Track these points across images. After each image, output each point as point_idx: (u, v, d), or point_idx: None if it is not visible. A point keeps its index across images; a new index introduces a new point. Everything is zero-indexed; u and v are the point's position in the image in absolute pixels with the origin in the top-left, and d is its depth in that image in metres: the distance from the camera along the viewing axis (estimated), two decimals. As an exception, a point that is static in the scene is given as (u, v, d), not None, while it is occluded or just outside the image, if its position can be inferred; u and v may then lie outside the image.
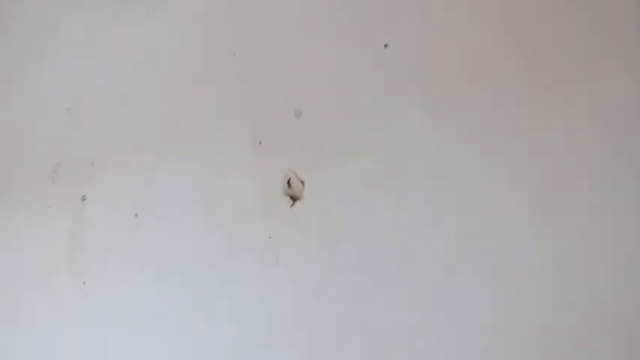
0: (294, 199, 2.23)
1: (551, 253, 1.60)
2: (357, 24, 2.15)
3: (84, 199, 2.48)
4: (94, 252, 2.39)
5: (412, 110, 1.99)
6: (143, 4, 2.62)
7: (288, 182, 2.24)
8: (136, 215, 2.43)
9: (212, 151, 2.33)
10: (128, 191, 2.46)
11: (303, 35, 2.24)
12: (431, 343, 1.71)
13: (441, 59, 1.96)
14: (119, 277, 2.29)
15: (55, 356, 2.36)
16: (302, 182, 2.22)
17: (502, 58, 1.82)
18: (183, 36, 2.50)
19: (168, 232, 2.33)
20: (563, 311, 1.55)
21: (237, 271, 2.23)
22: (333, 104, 2.17)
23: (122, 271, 2.29)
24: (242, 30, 2.37)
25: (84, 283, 2.36)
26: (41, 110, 2.78)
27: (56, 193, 2.57)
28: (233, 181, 2.29)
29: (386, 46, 2.08)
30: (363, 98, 2.12)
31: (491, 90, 1.81)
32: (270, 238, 2.21)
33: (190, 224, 2.31)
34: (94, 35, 2.70)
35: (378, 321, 1.85)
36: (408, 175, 1.96)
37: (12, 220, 2.71)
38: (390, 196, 2.01)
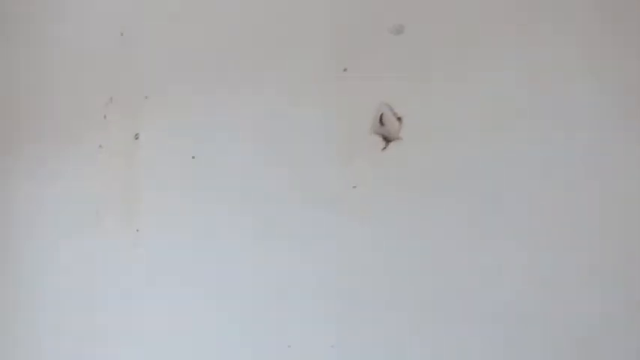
0: (387, 139, 1.77)
1: None
2: None
3: (137, 137, 2.10)
4: (147, 197, 1.96)
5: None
6: None
7: (380, 119, 1.77)
8: (193, 157, 2.04)
9: (283, 80, 1.91)
10: (185, 130, 2.06)
11: None
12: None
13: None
14: (174, 225, 1.98)
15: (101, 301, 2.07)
16: (398, 119, 1.75)
17: None
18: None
19: (228, 178, 1.93)
20: None
21: (312, 227, 1.81)
22: (443, 18, 1.67)
23: (177, 217, 1.94)
24: None
25: (137, 231, 2.00)
26: (92, 37, 2.40)
27: (108, 131, 2.19)
28: (310, 117, 1.86)
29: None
30: (481, 8, 1.61)
31: None
32: (354, 188, 1.76)
33: (256, 169, 1.91)
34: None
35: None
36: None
37: (60, 159, 2.38)
38: (517, 135, 1.53)
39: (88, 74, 2.36)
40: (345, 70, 1.83)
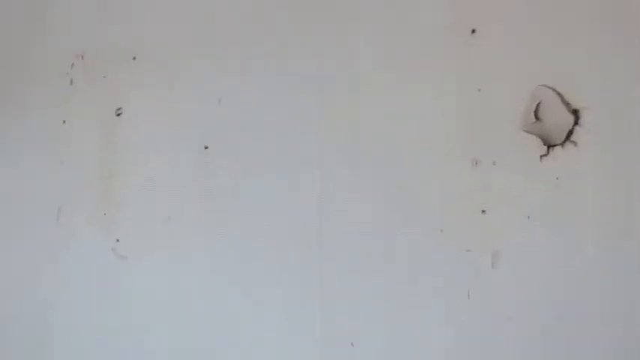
0: (548, 143, 1.11)
1: None
2: None
3: (119, 113, 1.34)
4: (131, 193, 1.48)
5: None
6: None
7: (536, 111, 1.12)
8: (206, 148, 1.36)
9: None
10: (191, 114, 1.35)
11: None
12: None
13: None
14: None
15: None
16: (574, 112, 1.10)
17: None
18: None
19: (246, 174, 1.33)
20: None
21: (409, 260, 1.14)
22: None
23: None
24: None
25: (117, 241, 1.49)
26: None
27: (76, 101, 1.43)
28: (419, 101, 1.17)
29: None
30: None
31: None
32: (483, 212, 1.11)
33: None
34: None
35: None
36: None
37: (12, 135, 1.60)
38: None
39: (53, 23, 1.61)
40: (473, 31, 1.17)
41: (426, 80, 1.21)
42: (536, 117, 1.14)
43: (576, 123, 1.11)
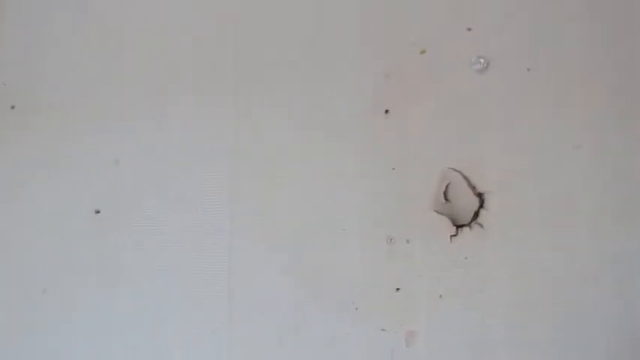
0: (456, 224, 1.17)
1: None
2: None
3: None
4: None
5: None
6: None
7: (446, 192, 1.18)
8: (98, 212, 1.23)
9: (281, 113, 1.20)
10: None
11: None
12: None
13: None
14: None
15: None
16: (479, 194, 1.17)
17: None
18: None
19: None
20: None
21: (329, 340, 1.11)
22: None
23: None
24: None
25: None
26: None
27: None
28: (334, 186, 1.17)
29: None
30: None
31: None
32: (397, 290, 1.13)
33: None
34: None
35: None
36: None
37: None
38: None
39: None
40: (386, 112, 1.21)
41: (342, 159, 1.21)
42: (446, 198, 1.19)
43: (481, 206, 1.18)
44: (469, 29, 1.22)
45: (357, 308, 1.17)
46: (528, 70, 1.19)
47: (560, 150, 1.16)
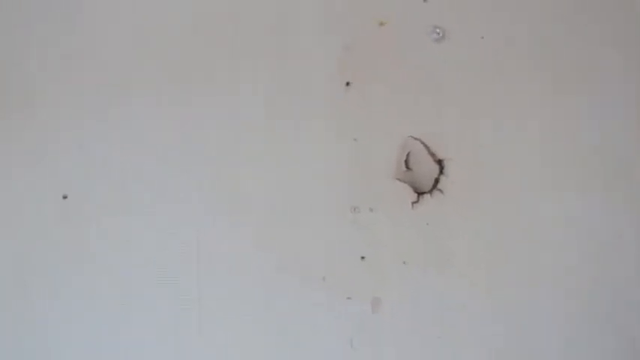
0: (418, 191, 1.19)
1: None
2: None
3: None
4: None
5: None
6: None
7: (407, 160, 1.20)
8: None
9: (246, 100, 1.20)
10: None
11: None
12: None
13: None
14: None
15: None
16: (439, 161, 1.20)
17: None
18: None
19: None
20: None
21: (305, 322, 1.14)
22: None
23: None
24: None
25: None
26: None
27: None
28: (297, 158, 1.18)
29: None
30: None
31: None
32: (362, 259, 1.15)
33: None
34: None
35: None
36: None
37: None
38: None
39: None
40: (347, 84, 1.22)
41: (305, 132, 1.21)
42: (407, 166, 1.21)
43: (441, 172, 1.21)
44: (425, 0, 1.23)
45: (323, 278, 1.18)
46: (482, 38, 1.22)
47: (517, 116, 1.19)
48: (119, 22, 1.25)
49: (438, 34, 1.23)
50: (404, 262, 1.18)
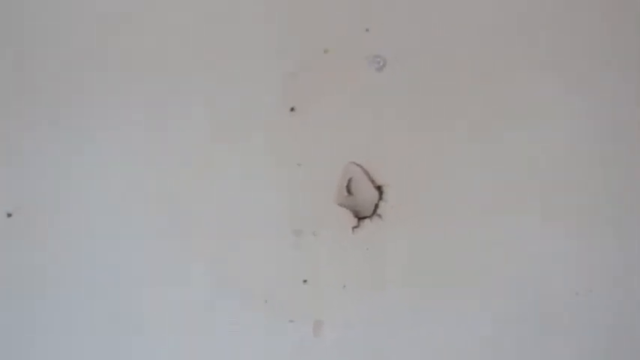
0: (359, 216, 1.24)
1: None
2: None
3: None
4: None
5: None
6: None
7: (348, 185, 1.24)
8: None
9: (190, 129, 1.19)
10: None
11: None
12: None
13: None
14: None
15: None
16: (378, 187, 1.24)
17: None
18: None
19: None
20: None
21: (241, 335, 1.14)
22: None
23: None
24: None
25: None
26: None
27: None
28: (241, 181, 1.19)
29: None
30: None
31: None
32: (304, 282, 1.19)
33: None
34: None
35: None
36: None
37: None
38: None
39: None
40: (292, 109, 1.24)
41: (250, 156, 1.22)
42: (349, 191, 1.25)
43: (380, 198, 1.25)
44: (367, 30, 1.27)
45: (266, 301, 1.19)
46: (421, 68, 1.27)
47: (456, 142, 1.25)
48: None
49: (379, 62, 1.27)
50: (344, 286, 1.22)
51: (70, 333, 1.17)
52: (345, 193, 1.25)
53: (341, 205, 1.24)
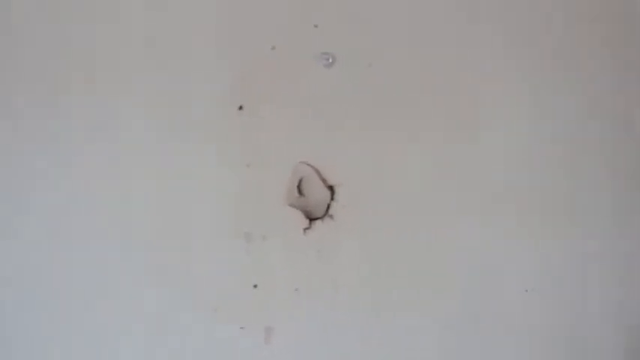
0: (310, 217, 1.20)
1: None
2: None
3: None
4: None
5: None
6: None
7: (299, 186, 1.21)
8: None
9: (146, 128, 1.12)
10: None
11: None
12: None
13: None
14: None
15: None
16: (330, 187, 1.22)
17: None
18: None
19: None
20: None
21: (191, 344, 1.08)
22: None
23: None
24: None
25: None
26: None
27: None
28: (188, 183, 1.14)
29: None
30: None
31: None
32: (255, 287, 1.14)
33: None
34: None
35: None
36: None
37: None
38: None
39: None
40: (240, 108, 1.19)
41: (196, 157, 1.16)
42: (300, 192, 1.21)
43: (332, 198, 1.22)
44: (315, 26, 1.24)
45: (216, 309, 1.14)
46: (370, 65, 1.24)
47: (406, 141, 1.23)
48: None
49: (328, 59, 1.24)
50: (296, 289, 1.18)
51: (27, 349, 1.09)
52: (296, 194, 1.21)
53: (292, 206, 1.20)
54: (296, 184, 1.21)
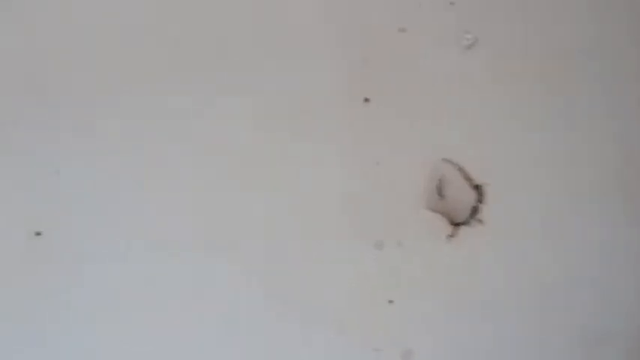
0: (453, 222, 1.03)
1: None
2: None
3: None
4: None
5: None
6: None
7: (439, 187, 1.04)
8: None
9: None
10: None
11: None
12: None
13: None
14: None
15: None
16: (476, 187, 1.03)
17: None
18: None
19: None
20: None
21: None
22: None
23: None
24: None
25: None
26: None
27: None
28: (313, 185, 1.02)
29: None
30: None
31: None
32: (390, 302, 0.98)
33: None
34: None
35: None
36: None
37: None
38: None
39: None
40: (366, 100, 1.06)
41: (317, 157, 1.03)
42: (440, 193, 1.04)
43: (480, 200, 1.03)
44: (452, 3, 1.08)
45: (344, 328, 1.00)
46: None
47: (570, 137, 1.03)
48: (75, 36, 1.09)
49: (469, 39, 1.07)
50: (439, 306, 1.01)
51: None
52: (436, 196, 1.04)
53: (430, 209, 1.04)
54: (435, 183, 1.04)
